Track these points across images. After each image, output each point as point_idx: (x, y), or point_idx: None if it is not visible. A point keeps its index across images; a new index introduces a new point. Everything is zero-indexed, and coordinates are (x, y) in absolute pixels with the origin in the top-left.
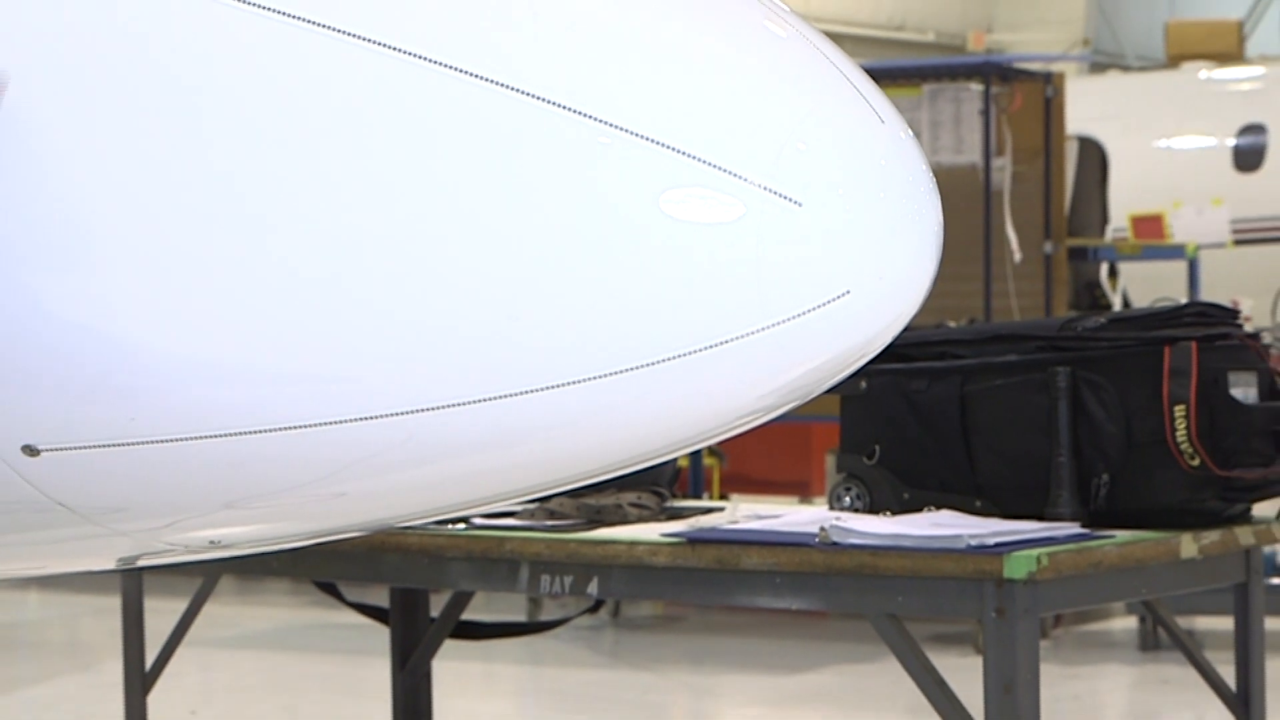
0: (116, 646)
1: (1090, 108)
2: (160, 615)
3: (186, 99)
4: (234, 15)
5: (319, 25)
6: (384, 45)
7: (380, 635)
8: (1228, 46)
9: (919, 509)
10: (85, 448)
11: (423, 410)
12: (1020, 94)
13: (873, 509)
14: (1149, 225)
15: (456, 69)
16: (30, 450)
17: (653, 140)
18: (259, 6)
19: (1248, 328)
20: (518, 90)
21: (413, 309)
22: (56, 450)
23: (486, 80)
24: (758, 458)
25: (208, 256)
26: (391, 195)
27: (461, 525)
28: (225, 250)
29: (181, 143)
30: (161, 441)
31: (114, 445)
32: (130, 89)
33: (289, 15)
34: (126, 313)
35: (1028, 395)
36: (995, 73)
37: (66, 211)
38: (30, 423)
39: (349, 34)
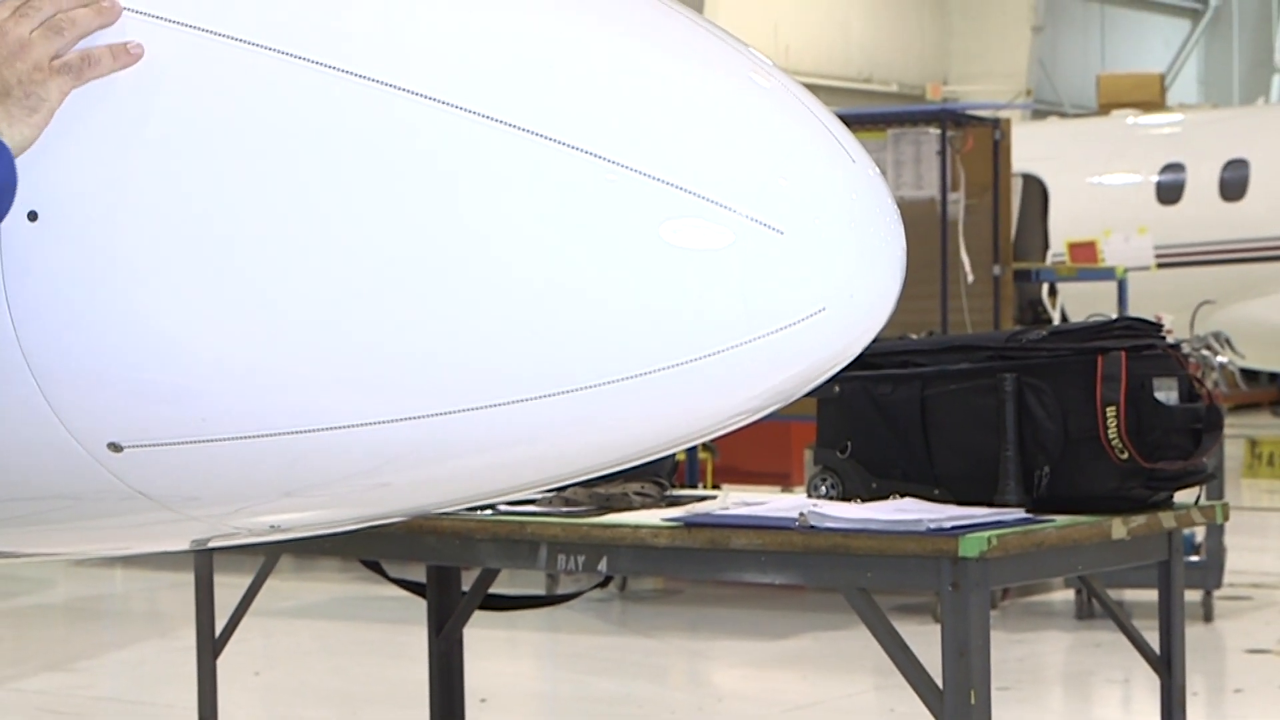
0: (190, 616)
1: (1033, 149)
2: (228, 589)
3: (246, 139)
4: (277, 67)
5: (349, 73)
6: (413, 93)
7: (418, 607)
8: (1151, 96)
9: (885, 497)
10: (162, 444)
11: (455, 412)
12: (972, 137)
13: (845, 497)
14: (1084, 251)
15: (480, 114)
16: (114, 447)
17: (653, 176)
18: (294, 55)
19: (1169, 340)
20: (534, 133)
21: (446, 324)
22: (137, 447)
23: (505, 123)
24: (745, 452)
25: (269, 279)
26: (429, 230)
27: (489, 511)
28: (284, 273)
29: (246, 179)
30: (229, 439)
31: (187, 442)
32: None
33: (320, 64)
34: (198, 327)
35: (979, 398)
36: (950, 119)
37: (145, 240)
38: (114, 423)
39: (376, 80)
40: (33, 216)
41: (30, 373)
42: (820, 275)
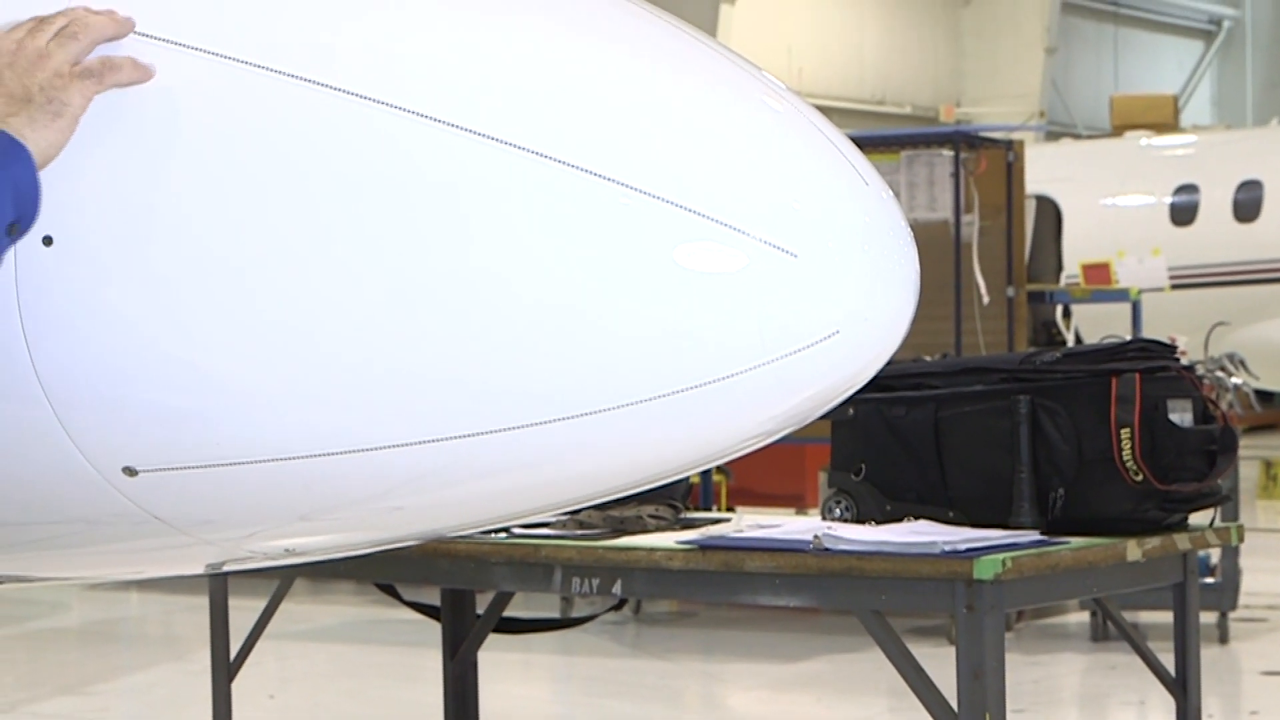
0: (205, 639)
1: (1046, 170)
2: (243, 612)
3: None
4: (295, 92)
5: (367, 98)
6: (430, 118)
7: (433, 630)
8: (1164, 117)
9: (900, 519)
10: (177, 469)
11: (470, 435)
12: (985, 159)
13: (859, 519)
14: (1097, 272)
15: (495, 139)
16: (130, 471)
17: (667, 200)
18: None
19: (1184, 361)
20: (548, 157)
21: (460, 348)
22: (152, 471)
23: (519, 148)
24: (759, 474)
25: (284, 303)
26: (444, 254)
27: (503, 534)
28: (299, 298)
29: (260, 205)
30: (243, 463)
31: (202, 466)
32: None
33: (338, 89)
34: (213, 352)
35: (993, 420)
36: (964, 141)
37: (160, 265)
38: (129, 447)
39: (392, 106)
40: (48, 241)
41: (46, 397)
42: (834, 298)
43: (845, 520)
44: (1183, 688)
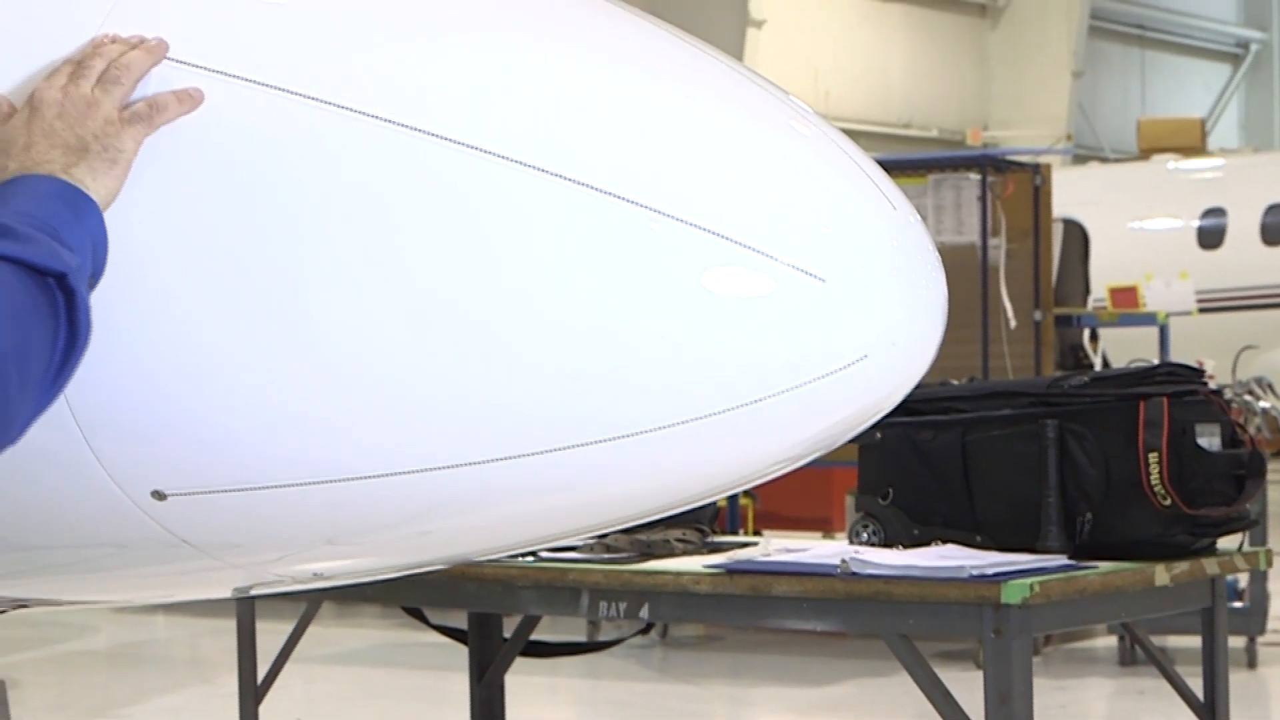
0: (232, 662)
1: (1073, 194)
2: (270, 635)
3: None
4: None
5: (390, 122)
6: (455, 142)
7: (460, 653)
8: (1192, 140)
9: (927, 543)
10: (206, 492)
11: (498, 459)
12: (1012, 182)
13: (887, 543)
14: (1125, 296)
15: (524, 163)
16: (158, 495)
17: (695, 225)
18: (335, 105)
19: (1211, 385)
20: (577, 181)
21: (488, 372)
22: (181, 495)
23: (548, 172)
24: (786, 498)
25: (311, 327)
26: (472, 278)
27: (530, 558)
28: (326, 322)
29: (287, 228)
30: (272, 487)
31: (231, 490)
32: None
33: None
34: (242, 376)
35: (1021, 444)
36: (991, 164)
37: (187, 290)
38: (158, 471)
39: (417, 129)
40: None
41: (75, 421)
42: (862, 323)
43: (872, 544)
44: (1211, 713)
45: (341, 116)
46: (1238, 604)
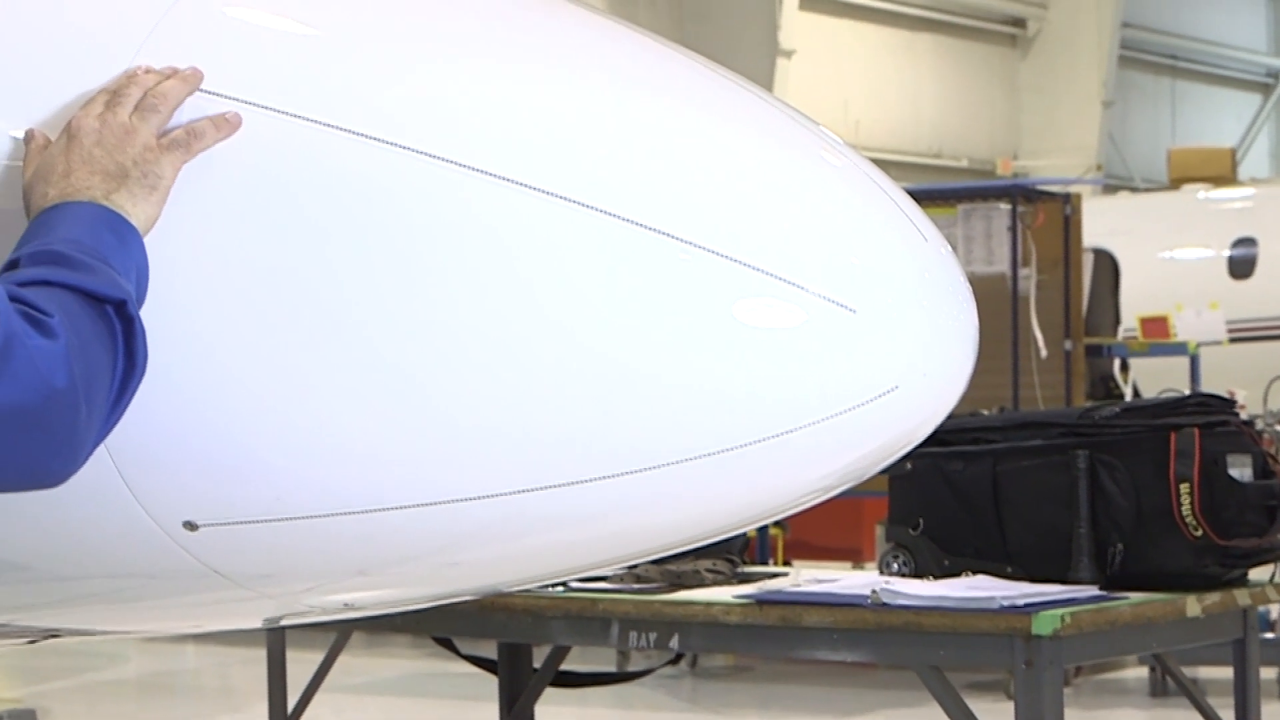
0: (262, 692)
1: (1103, 224)
2: (300, 664)
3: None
4: (350, 147)
5: (425, 154)
6: (489, 174)
7: (490, 684)
8: (1222, 170)
9: (958, 574)
10: (237, 523)
11: (529, 490)
12: (1043, 212)
13: (917, 574)
14: (1155, 326)
15: (556, 195)
16: (190, 525)
17: (726, 256)
18: (369, 137)
19: (1243, 416)
20: (608, 213)
21: (519, 403)
22: (213, 525)
23: (580, 204)
24: (816, 528)
25: (342, 359)
26: (504, 309)
27: (560, 588)
28: (358, 353)
29: (318, 260)
30: (303, 518)
31: (262, 521)
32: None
33: (394, 145)
34: (273, 409)
35: (1051, 475)
36: (1021, 194)
37: (219, 322)
38: (190, 502)
39: (452, 162)
40: None
41: (108, 453)
42: (893, 354)
43: (903, 575)
44: None
45: (379, 150)
46: (1269, 635)
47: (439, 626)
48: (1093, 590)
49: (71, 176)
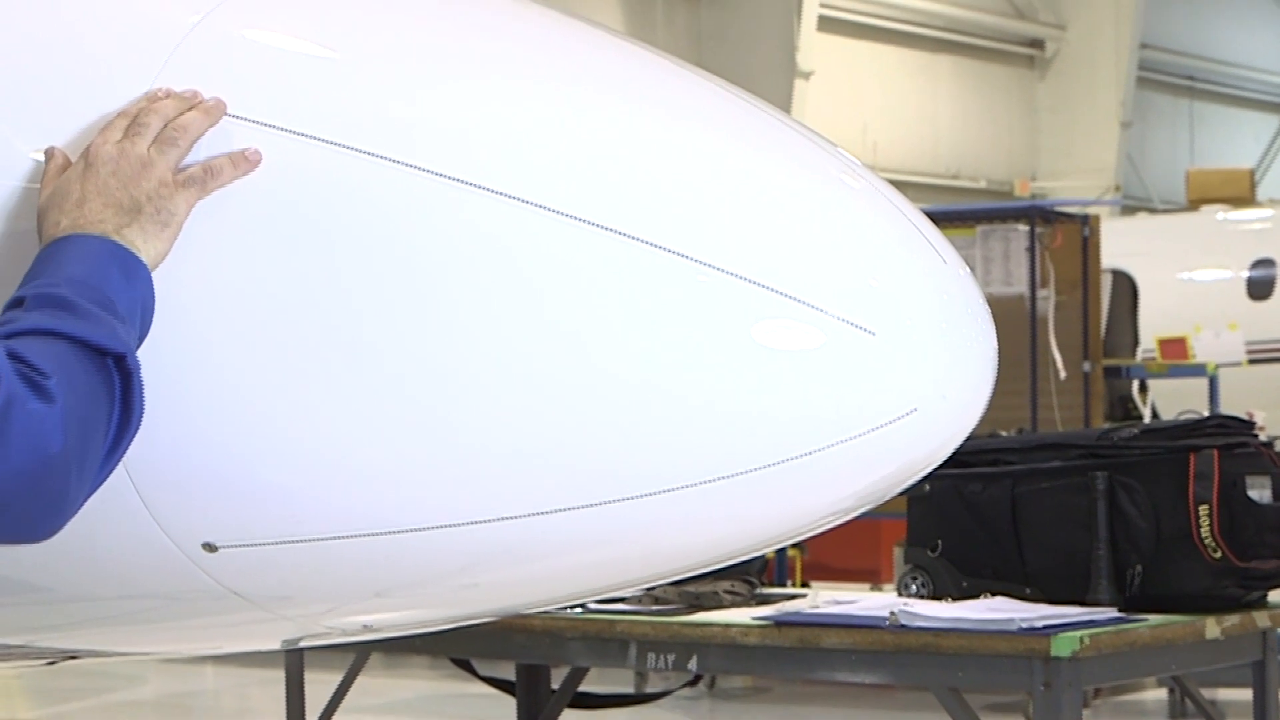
0: (280, 713)
1: (1122, 245)
2: (318, 685)
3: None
4: (369, 169)
5: (443, 176)
6: (507, 196)
7: (508, 705)
8: (1241, 191)
9: (976, 596)
10: (256, 545)
11: (548, 512)
12: (1061, 233)
13: (936, 595)
14: (1174, 347)
15: (575, 217)
16: (209, 547)
17: (745, 278)
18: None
19: (1262, 437)
20: (628, 235)
21: (538, 425)
22: (232, 547)
23: (599, 226)
24: (834, 549)
25: (361, 381)
26: (522, 331)
27: (578, 609)
28: (377, 376)
29: (338, 283)
30: (322, 539)
31: (281, 543)
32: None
33: (414, 167)
34: (291, 429)
35: (1070, 496)
36: (1039, 215)
37: (239, 344)
38: (209, 523)
39: (469, 184)
40: None
41: (128, 475)
42: (912, 376)
43: (921, 596)
44: None
45: (398, 173)
46: None
47: (457, 648)
48: (1111, 612)
49: (85, 207)
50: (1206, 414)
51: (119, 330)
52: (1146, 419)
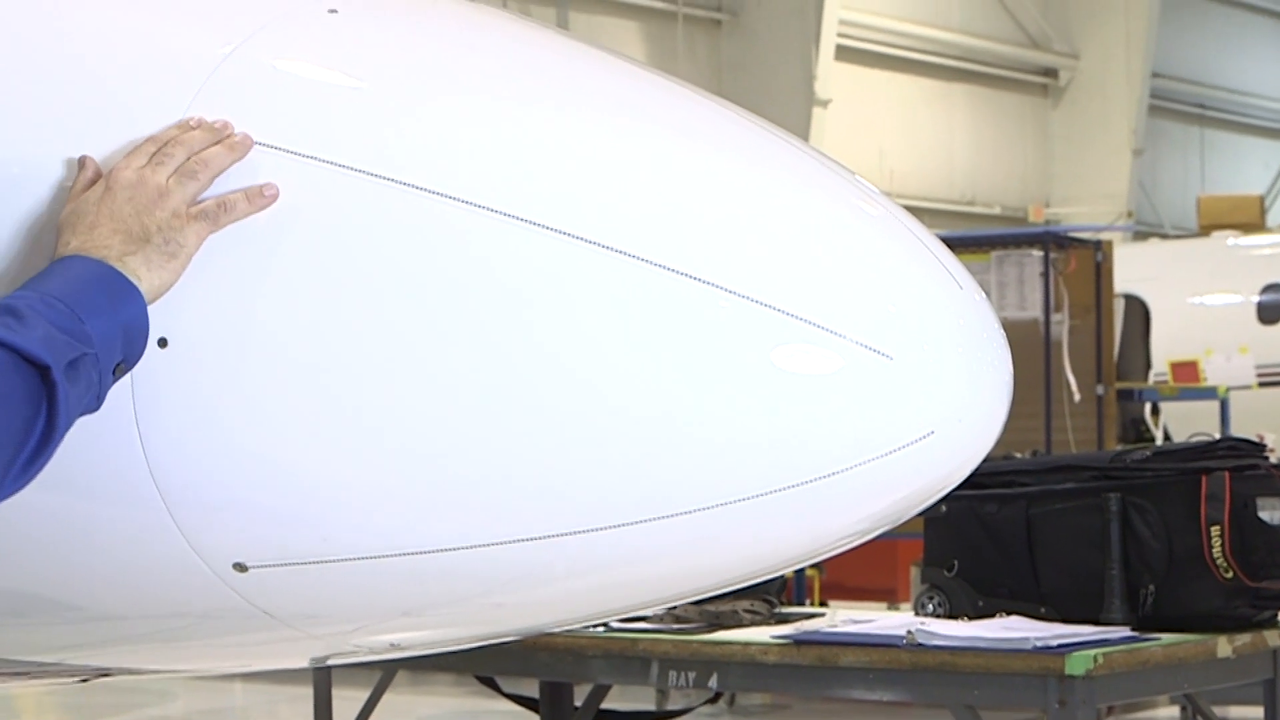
0: None
1: (1134, 270)
2: (345, 702)
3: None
4: (394, 198)
5: (463, 201)
6: (527, 221)
7: None
8: (1251, 217)
9: (992, 615)
10: (286, 564)
11: (571, 534)
12: (1074, 258)
13: (952, 615)
14: (1186, 370)
15: (597, 242)
16: (240, 567)
17: (764, 303)
18: (412, 186)
19: (1272, 459)
20: (649, 261)
21: (561, 448)
22: (261, 567)
23: (621, 252)
24: (852, 568)
25: (389, 404)
26: (545, 355)
27: (601, 628)
28: (404, 399)
29: (367, 309)
30: (350, 559)
31: (310, 562)
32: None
33: (436, 193)
34: (320, 451)
35: (1084, 517)
36: (1053, 241)
37: (270, 366)
38: (239, 543)
39: (488, 209)
40: (163, 343)
41: (160, 495)
42: (929, 400)
43: (938, 615)
44: None
45: (414, 196)
46: None
47: (482, 665)
48: (1125, 631)
49: (95, 230)
50: (1218, 436)
51: (55, 342)
52: (1159, 441)
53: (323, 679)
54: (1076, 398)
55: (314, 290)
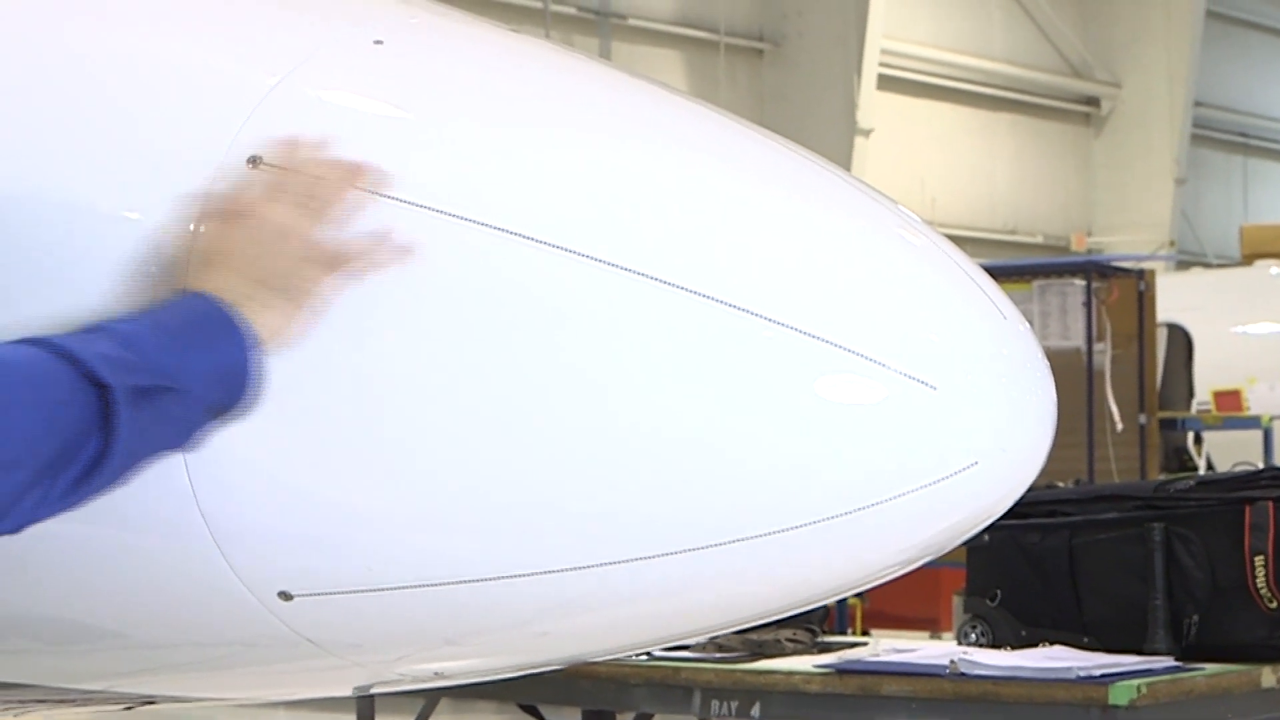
0: None
1: (1177, 299)
2: None
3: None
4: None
5: (524, 237)
6: (576, 253)
7: None
8: None
9: (1035, 645)
10: (330, 593)
11: (616, 563)
12: (1117, 288)
13: (995, 644)
14: (1229, 399)
15: (644, 274)
16: (285, 595)
17: (808, 334)
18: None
19: None
20: (695, 292)
21: (607, 477)
22: (307, 596)
23: (668, 284)
24: (894, 597)
25: (435, 434)
26: (591, 386)
27: (644, 656)
28: (450, 429)
29: (415, 339)
30: (394, 588)
31: (354, 591)
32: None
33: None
34: (365, 481)
35: (1127, 547)
36: (1095, 270)
37: (313, 395)
38: (284, 572)
39: (544, 243)
40: None
41: (206, 526)
42: (973, 430)
43: (981, 645)
44: None
45: (458, 227)
46: None
47: (525, 693)
48: (1168, 661)
49: (213, 266)
50: (1261, 465)
51: (122, 364)
52: (1202, 470)
53: (366, 707)
54: (1119, 427)
55: (358, 320)
